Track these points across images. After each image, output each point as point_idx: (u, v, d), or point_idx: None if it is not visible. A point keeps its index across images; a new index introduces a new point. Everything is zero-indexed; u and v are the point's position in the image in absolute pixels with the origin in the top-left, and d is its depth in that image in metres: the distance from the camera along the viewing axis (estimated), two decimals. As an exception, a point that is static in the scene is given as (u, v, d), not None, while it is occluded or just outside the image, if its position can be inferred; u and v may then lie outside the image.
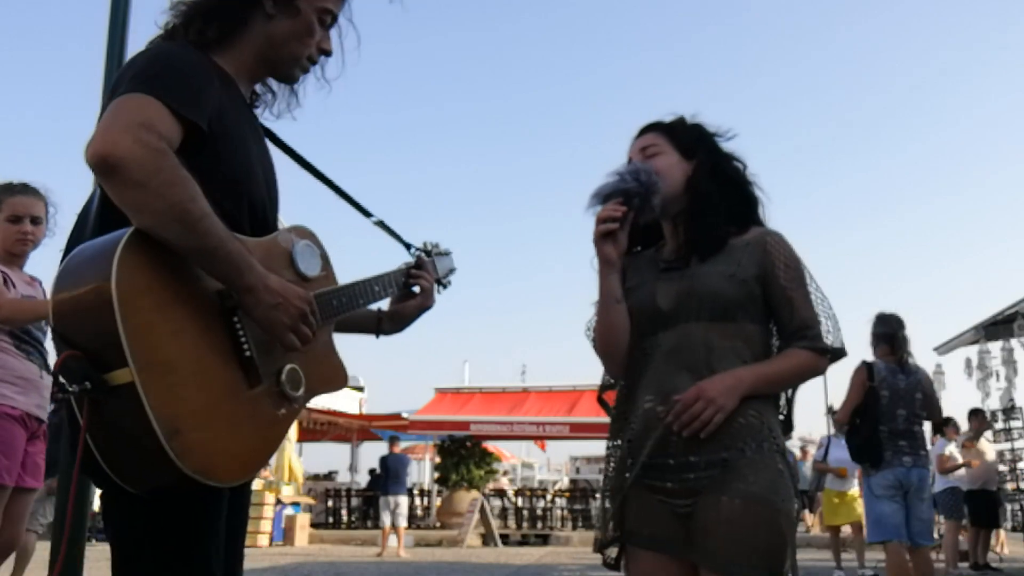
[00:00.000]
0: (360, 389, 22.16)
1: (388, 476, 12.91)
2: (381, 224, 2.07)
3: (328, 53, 1.73)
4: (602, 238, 1.87)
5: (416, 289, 1.97)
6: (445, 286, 2.04)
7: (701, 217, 1.94)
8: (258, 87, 1.76)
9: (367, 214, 2.04)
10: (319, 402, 19.11)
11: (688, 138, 2.00)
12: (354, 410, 20.95)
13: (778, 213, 2.09)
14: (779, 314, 1.93)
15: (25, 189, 3.39)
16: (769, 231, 1.96)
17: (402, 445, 14.40)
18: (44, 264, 3.59)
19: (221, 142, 1.50)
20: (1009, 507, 14.42)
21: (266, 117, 1.79)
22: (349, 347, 2.05)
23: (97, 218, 1.47)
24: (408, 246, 2.03)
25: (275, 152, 1.79)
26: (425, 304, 1.96)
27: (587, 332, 2.06)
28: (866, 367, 5.04)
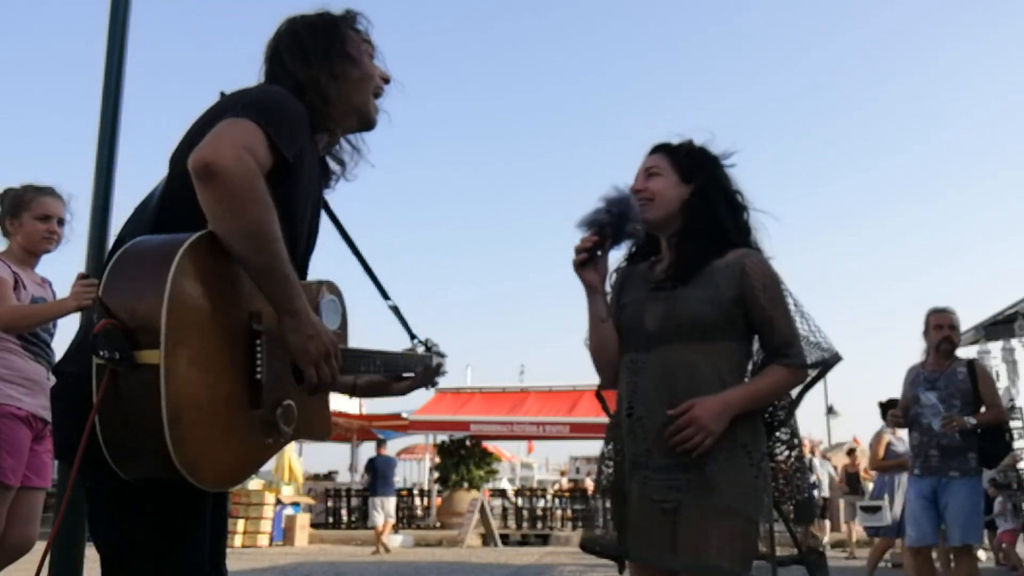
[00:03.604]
0: (360, 389, 22.10)
1: (377, 478, 13.23)
2: (395, 310, 2.14)
3: (389, 80, 1.86)
4: (580, 266, 2.08)
5: (403, 383, 2.03)
6: (434, 384, 2.10)
7: (690, 241, 2.09)
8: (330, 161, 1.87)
9: (386, 296, 2.15)
10: (319, 402, 19.13)
11: (689, 163, 2.14)
12: (354, 410, 20.94)
13: (779, 213, 2.20)
14: (760, 333, 2.09)
15: (53, 192, 3.50)
16: (747, 252, 2.09)
17: (400, 445, 14.51)
18: (50, 268, 3.62)
19: (293, 185, 1.61)
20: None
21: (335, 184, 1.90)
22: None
23: (153, 216, 1.58)
24: (413, 336, 2.12)
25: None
26: (399, 393, 2.04)
27: (585, 342, 2.22)
28: None
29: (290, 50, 1.74)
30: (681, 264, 2.08)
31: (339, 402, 20.47)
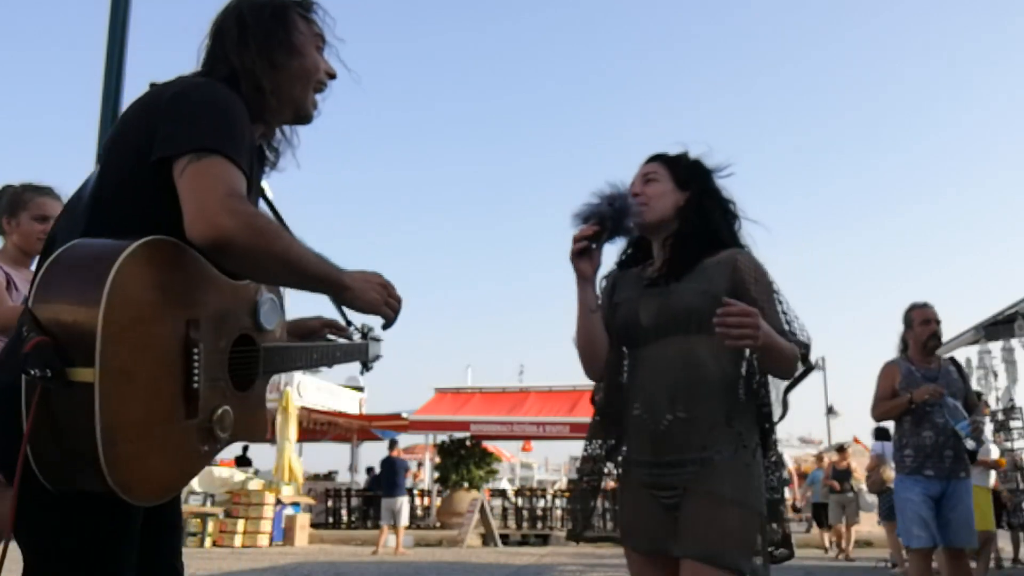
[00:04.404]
0: (360, 389, 22.14)
1: (388, 478, 13.25)
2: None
3: (334, 76, 1.80)
4: (576, 255, 2.11)
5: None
6: (369, 369, 2.11)
7: (684, 243, 2.17)
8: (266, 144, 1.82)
9: None
10: (319, 402, 19.17)
11: (685, 172, 2.24)
12: (354, 410, 20.93)
13: (779, 212, 2.20)
14: None
15: (50, 192, 3.49)
16: (738, 250, 2.16)
17: (400, 445, 14.55)
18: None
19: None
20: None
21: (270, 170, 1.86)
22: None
23: (85, 215, 1.52)
24: (348, 323, 2.10)
25: None
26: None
27: (574, 340, 2.26)
28: None
29: (231, 32, 1.65)
30: (674, 261, 2.16)
31: (339, 402, 20.47)
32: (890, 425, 5.00)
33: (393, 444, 14.24)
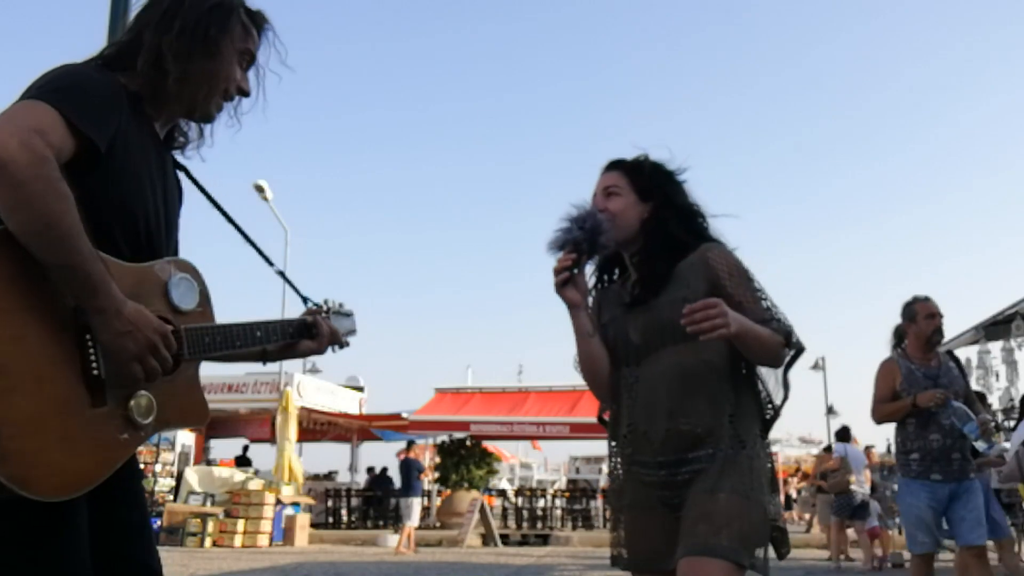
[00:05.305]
0: (360, 389, 22.17)
1: (403, 479, 13.38)
2: (281, 274, 2.10)
3: (246, 94, 1.75)
4: (561, 286, 2.09)
5: (310, 344, 1.94)
6: (342, 346, 2.03)
7: (652, 258, 2.15)
8: (180, 126, 1.78)
9: (270, 263, 2.07)
10: (319, 402, 19.18)
11: (647, 181, 2.19)
12: (354, 410, 20.94)
13: (779, 211, 2.16)
14: None
15: None
16: (708, 245, 2.13)
17: (400, 445, 14.64)
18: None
19: (116, 166, 1.51)
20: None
21: (184, 156, 1.82)
22: (350, 347, 2.07)
23: None
24: (305, 300, 2.04)
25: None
26: (309, 354, 1.97)
27: (575, 365, 2.25)
28: None
29: (162, 5, 1.63)
30: (648, 280, 2.14)
31: (339, 402, 20.49)
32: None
33: (410, 444, 14.29)
